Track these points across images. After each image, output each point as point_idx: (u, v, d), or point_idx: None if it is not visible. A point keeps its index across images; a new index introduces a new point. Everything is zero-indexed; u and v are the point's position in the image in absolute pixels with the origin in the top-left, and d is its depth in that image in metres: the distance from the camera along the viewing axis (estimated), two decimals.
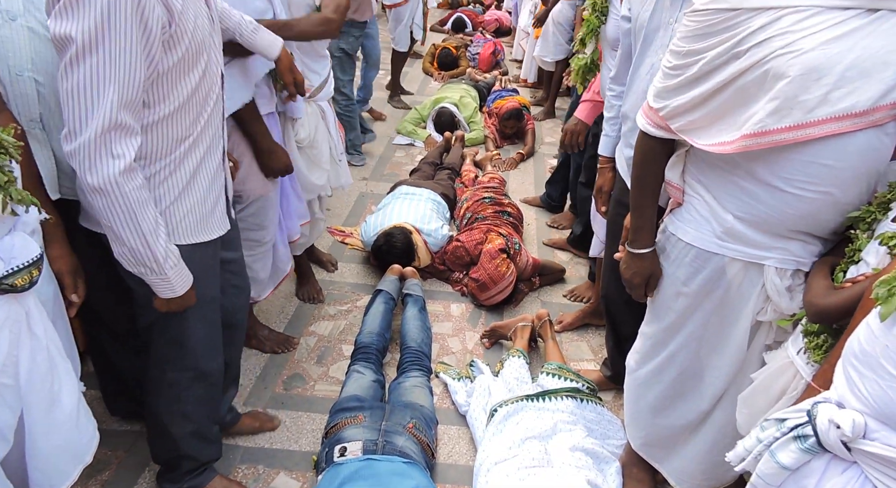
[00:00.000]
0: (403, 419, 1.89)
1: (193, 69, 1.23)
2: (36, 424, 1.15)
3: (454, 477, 1.90)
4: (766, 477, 0.98)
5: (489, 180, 3.52)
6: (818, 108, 1.11)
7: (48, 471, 1.20)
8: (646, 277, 1.50)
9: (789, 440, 0.96)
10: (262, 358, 2.30)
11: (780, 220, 1.27)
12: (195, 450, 1.63)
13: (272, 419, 2.01)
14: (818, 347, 1.19)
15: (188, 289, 1.34)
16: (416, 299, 2.51)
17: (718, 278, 1.39)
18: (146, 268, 1.25)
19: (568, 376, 2.14)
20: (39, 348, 1.13)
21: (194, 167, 1.33)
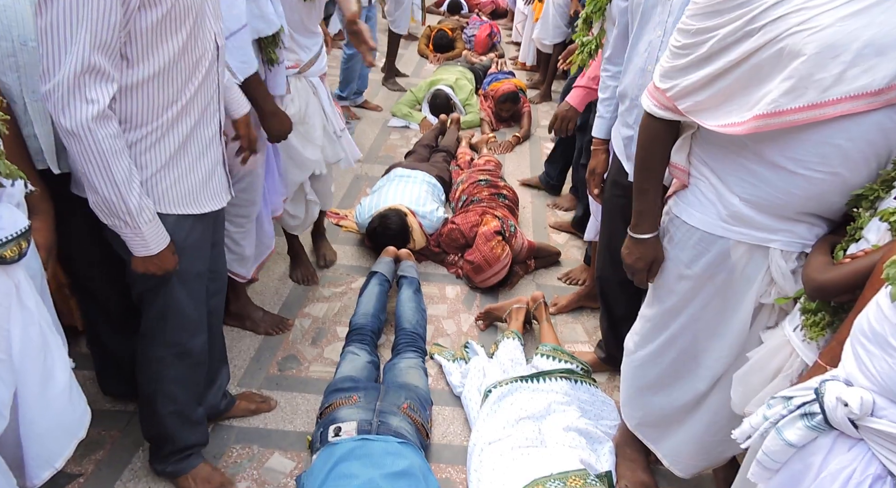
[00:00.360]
0: (398, 399, 1.89)
1: (178, 31, 1.21)
2: (31, 399, 1.15)
3: (448, 457, 1.91)
4: (771, 454, 0.98)
5: (485, 163, 3.50)
6: (834, 87, 1.09)
7: (45, 447, 1.21)
8: (648, 262, 1.49)
9: (796, 418, 0.96)
10: (256, 339, 2.30)
11: (788, 203, 1.24)
12: (177, 431, 1.61)
13: (268, 400, 2.01)
14: (815, 324, 1.19)
15: (163, 248, 1.32)
16: (411, 281, 2.50)
17: (722, 261, 1.38)
18: (119, 220, 1.23)
19: (562, 357, 2.14)
20: (31, 321, 1.12)
21: (184, 136, 1.32)
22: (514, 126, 4.51)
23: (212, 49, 1.34)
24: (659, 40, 1.57)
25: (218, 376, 1.82)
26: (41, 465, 1.20)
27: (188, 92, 1.29)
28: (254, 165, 1.95)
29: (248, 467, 1.79)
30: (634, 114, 1.70)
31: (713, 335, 1.49)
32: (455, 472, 1.86)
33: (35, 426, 1.18)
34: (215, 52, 1.36)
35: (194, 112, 1.33)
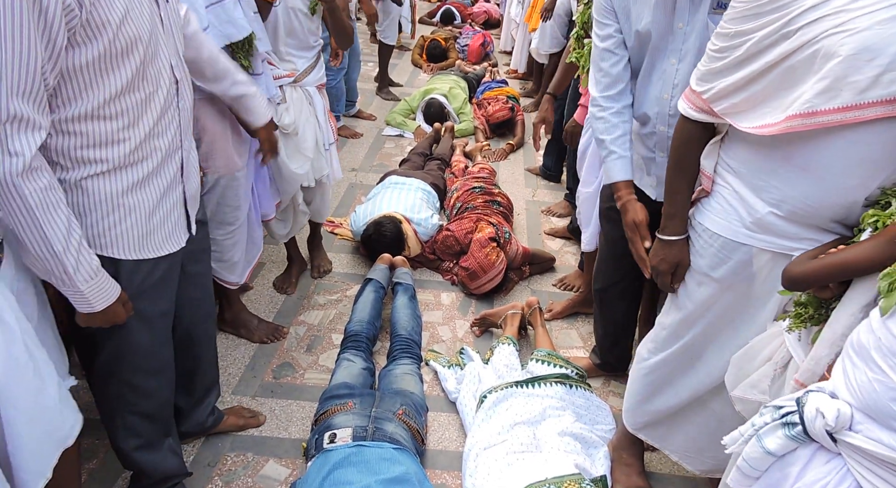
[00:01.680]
0: (393, 406, 1.89)
1: (121, 67, 1.12)
2: (20, 415, 1.12)
3: (444, 462, 1.91)
4: (751, 461, 0.98)
5: (479, 170, 3.52)
6: (869, 90, 1.08)
7: (37, 461, 1.18)
8: (673, 265, 1.48)
9: (777, 426, 0.96)
10: (250, 347, 2.29)
11: (818, 209, 1.22)
12: (149, 464, 1.55)
13: (256, 415, 1.97)
14: (799, 316, 1.21)
15: (110, 304, 1.22)
16: (406, 287, 2.50)
17: (744, 269, 1.36)
18: (56, 278, 1.13)
19: (557, 362, 2.15)
20: (13, 338, 1.08)
21: (137, 178, 1.23)
22: (507, 134, 4.54)
23: (167, 84, 1.25)
24: (674, 68, 1.56)
25: (207, 397, 1.80)
26: (35, 478, 1.18)
27: (139, 132, 1.20)
28: (229, 169, 1.91)
29: (242, 475, 1.78)
30: (654, 139, 1.68)
31: (732, 337, 1.46)
32: (450, 478, 1.86)
33: (28, 441, 1.14)
34: (173, 87, 1.28)
35: (149, 153, 1.24)
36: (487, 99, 4.72)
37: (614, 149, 1.67)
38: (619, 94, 1.67)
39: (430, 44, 6.05)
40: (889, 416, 0.83)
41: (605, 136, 1.69)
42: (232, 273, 2.14)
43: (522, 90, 5.46)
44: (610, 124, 1.67)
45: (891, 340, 0.83)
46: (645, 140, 1.72)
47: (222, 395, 2.06)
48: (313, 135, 2.27)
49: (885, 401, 0.83)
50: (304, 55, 2.15)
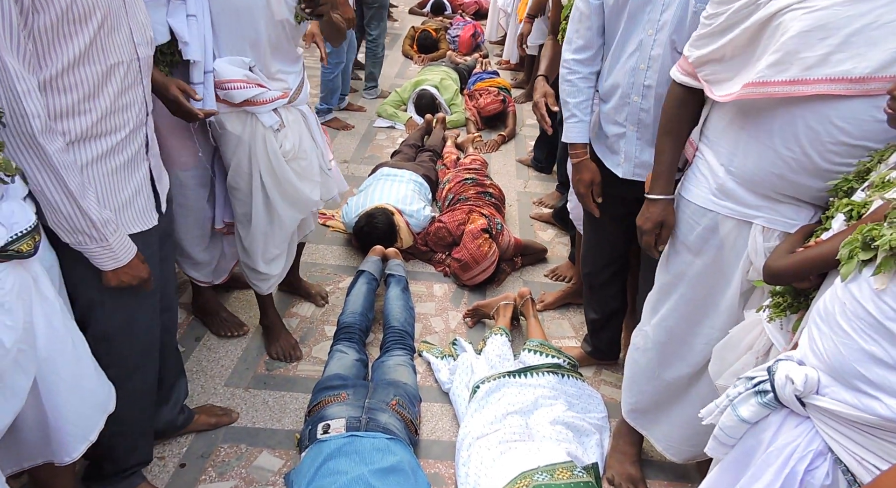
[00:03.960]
0: (387, 396, 1.90)
1: (76, 35, 1.12)
2: (63, 383, 1.19)
3: (437, 452, 1.92)
4: (726, 429, 1.02)
5: (471, 162, 3.51)
6: (816, 67, 1.13)
7: (80, 424, 1.26)
8: (657, 224, 1.53)
9: (750, 395, 1.00)
10: (243, 339, 2.29)
11: (765, 179, 1.30)
12: (121, 453, 1.56)
13: (229, 412, 1.95)
14: (777, 306, 1.24)
15: (133, 257, 1.28)
16: (398, 279, 2.51)
17: (712, 235, 1.44)
18: (84, 235, 1.19)
19: (549, 352, 2.16)
20: (53, 311, 1.15)
21: (101, 151, 1.24)
22: (499, 126, 4.53)
23: (129, 59, 1.25)
24: (651, 39, 1.59)
25: (173, 392, 1.77)
26: (78, 440, 1.27)
27: (100, 104, 1.20)
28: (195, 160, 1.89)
29: (236, 466, 1.79)
30: (625, 112, 1.71)
31: (704, 316, 1.52)
32: (444, 467, 1.87)
33: (70, 406, 1.22)
34: (136, 63, 1.28)
35: (114, 128, 1.24)
36: (479, 90, 4.71)
37: (576, 112, 1.81)
38: (590, 60, 1.77)
39: (420, 34, 6.02)
40: (853, 377, 0.86)
41: (569, 99, 1.82)
42: (196, 271, 2.13)
43: (514, 81, 5.45)
44: (576, 88, 1.80)
45: (853, 304, 0.87)
46: (615, 115, 1.76)
47: (215, 388, 2.06)
48: (315, 157, 2.09)
49: (849, 363, 0.87)
50: (294, 70, 1.95)
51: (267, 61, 1.82)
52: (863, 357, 0.86)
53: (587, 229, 2.13)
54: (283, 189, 1.96)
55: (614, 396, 2.18)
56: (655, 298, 1.66)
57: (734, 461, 1.03)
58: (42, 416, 1.18)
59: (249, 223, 1.99)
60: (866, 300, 0.86)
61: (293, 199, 2.00)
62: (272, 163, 1.89)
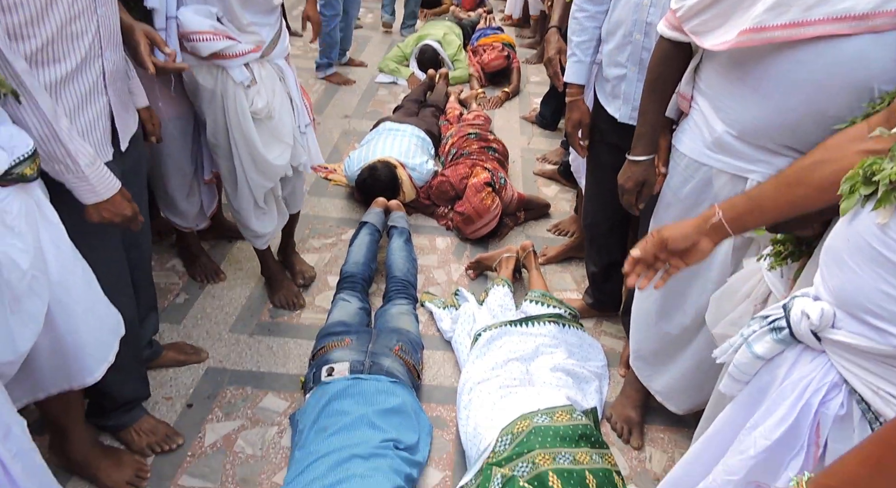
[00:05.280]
0: (390, 342, 1.92)
1: None
2: (77, 305, 1.21)
3: (439, 397, 1.95)
4: (741, 366, 1.03)
5: (474, 118, 3.47)
6: (817, 7, 1.09)
7: (99, 346, 1.29)
8: (638, 183, 1.53)
9: (765, 332, 1.00)
10: (246, 287, 2.31)
11: (766, 131, 1.27)
12: (115, 386, 1.55)
13: (199, 351, 1.95)
14: (778, 254, 1.24)
15: (114, 193, 1.26)
16: (401, 231, 2.51)
17: (706, 188, 1.43)
18: (60, 163, 1.16)
19: (551, 303, 2.18)
20: (60, 235, 1.16)
21: (50, 80, 1.19)
22: (503, 82, 4.45)
23: None
24: None
25: (143, 324, 1.77)
26: (99, 362, 1.30)
27: (44, 30, 1.14)
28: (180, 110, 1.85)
29: (242, 407, 1.82)
30: (627, 51, 1.69)
31: (698, 268, 1.52)
32: (445, 411, 1.90)
33: (88, 329, 1.24)
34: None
35: (61, 55, 1.19)
36: (483, 46, 4.61)
37: (577, 51, 1.84)
38: None
39: None
40: (865, 312, 0.86)
41: (574, 37, 1.84)
42: (179, 218, 2.12)
43: (519, 37, 5.34)
44: (581, 27, 1.81)
45: (857, 239, 0.87)
46: (616, 56, 1.74)
47: (220, 333, 2.08)
48: (290, 117, 1.95)
49: (859, 299, 0.87)
50: (268, 21, 1.80)
51: (237, 12, 1.69)
52: (872, 292, 0.85)
53: (588, 180, 2.13)
54: (250, 150, 1.86)
55: (614, 347, 2.20)
56: None
57: (748, 397, 1.04)
58: (59, 342, 1.20)
59: (235, 180, 1.94)
60: (870, 235, 0.86)
61: (259, 164, 1.89)
62: (240, 122, 1.80)
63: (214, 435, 1.72)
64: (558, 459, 1.56)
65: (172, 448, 1.65)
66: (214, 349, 2.01)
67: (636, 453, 1.82)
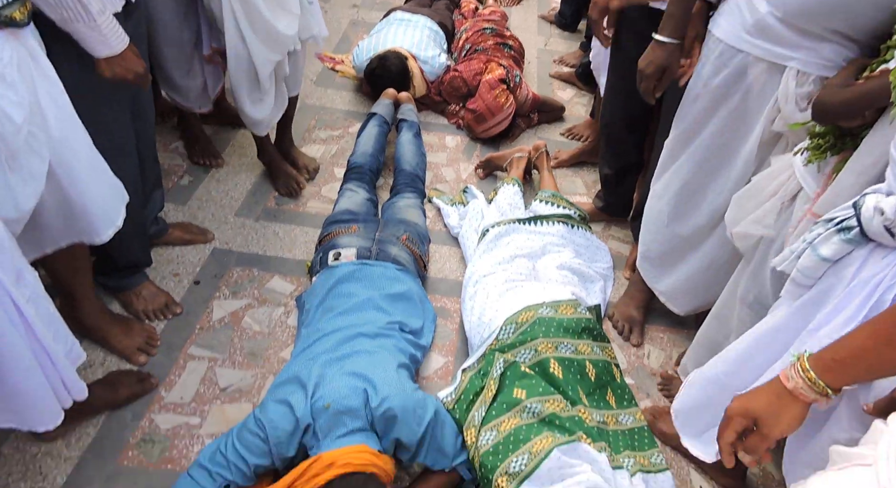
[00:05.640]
0: (397, 231, 1.91)
1: None
2: (81, 163, 1.18)
3: (444, 289, 1.97)
4: (805, 270, 1.01)
5: (490, 13, 3.27)
6: None
7: (105, 207, 1.27)
8: (660, 69, 1.45)
9: (832, 233, 0.98)
10: (252, 173, 2.26)
11: (816, 11, 1.18)
12: (115, 248, 1.51)
13: (205, 232, 1.95)
14: (818, 147, 1.18)
15: (126, 47, 1.23)
16: (410, 124, 2.42)
17: (740, 78, 1.35)
18: (73, 12, 1.10)
19: (561, 203, 2.15)
20: (58, 92, 1.10)
21: None
22: None
23: None
24: None
25: (148, 201, 1.75)
26: (107, 223, 1.28)
27: None
28: None
29: (248, 287, 1.83)
30: None
31: (720, 165, 1.48)
32: (450, 302, 1.92)
33: (94, 187, 1.22)
34: None
35: None
36: None
37: None
38: None
39: None
40: None
41: None
42: (178, 95, 2.03)
43: None
44: None
45: None
46: None
47: (226, 216, 2.06)
48: None
49: None
50: None
51: None
52: None
53: (610, 75, 2.03)
54: (253, 19, 1.73)
55: (621, 251, 2.20)
56: (672, 146, 1.60)
57: (810, 301, 1.03)
58: (65, 200, 1.17)
59: (235, 57, 1.82)
60: None
61: (265, 35, 1.77)
62: None
63: (222, 312, 1.74)
64: (560, 348, 1.59)
65: (169, 316, 1.68)
66: (220, 232, 2.00)
67: (635, 350, 1.86)
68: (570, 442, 1.34)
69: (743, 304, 1.39)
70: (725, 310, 1.49)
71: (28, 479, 1.30)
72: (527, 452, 1.31)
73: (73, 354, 1.10)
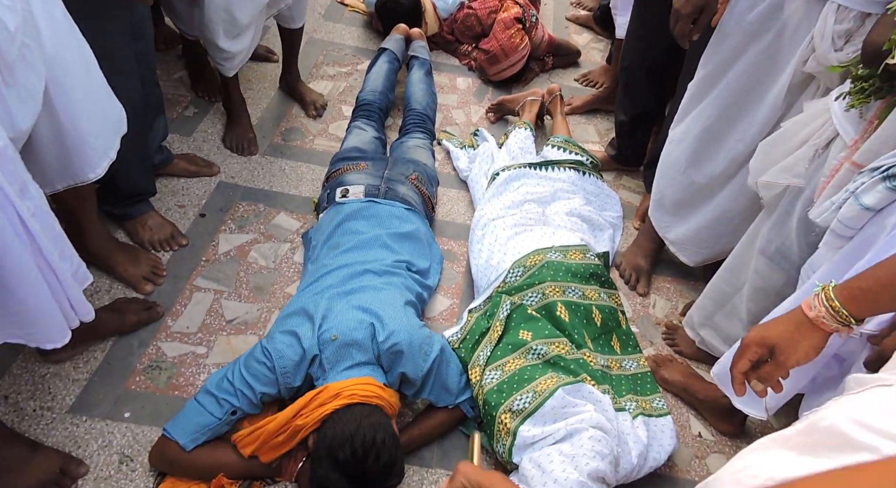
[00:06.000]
0: (406, 170, 1.87)
1: None
2: (76, 85, 1.12)
3: (451, 232, 1.95)
4: (847, 220, 0.99)
5: None
6: None
7: (100, 138, 1.21)
8: (697, 8, 1.37)
9: (876, 182, 0.95)
10: (258, 108, 2.20)
11: None
12: (117, 175, 1.45)
13: (211, 165, 1.90)
14: (861, 91, 1.12)
15: None
16: (422, 62, 2.34)
17: (775, 14, 1.28)
18: None
19: (573, 149, 2.10)
20: (53, 2, 1.03)
21: None
22: None
23: None
24: None
25: (152, 128, 1.69)
26: (101, 156, 1.23)
27: None
28: None
29: (254, 222, 1.81)
30: None
31: (745, 107, 1.43)
32: (457, 246, 1.91)
33: (88, 117, 1.16)
34: None
35: None
36: None
37: None
38: None
39: None
40: None
41: None
42: (179, 21, 1.95)
43: None
44: None
45: None
46: None
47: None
48: None
49: None
50: None
51: None
52: None
53: (634, 16, 1.94)
54: None
55: (632, 200, 2.17)
56: (696, 88, 1.55)
57: (850, 251, 1.01)
58: (60, 131, 1.13)
59: None
60: None
61: None
62: None
63: (228, 245, 1.73)
64: (567, 292, 1.58)
65: (175, 248, 1.66)
66: (226, 165, 1.96)
67: (641, 299, 1.86)
68: (575, 383, 1.35)
69: (762, 256, 1.36)
70: (739, 262, 1.48)
71: (37, 398, 1.32)
72: (531, 391, 1.32)
73: (80, 275, 1.09)
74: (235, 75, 1.91)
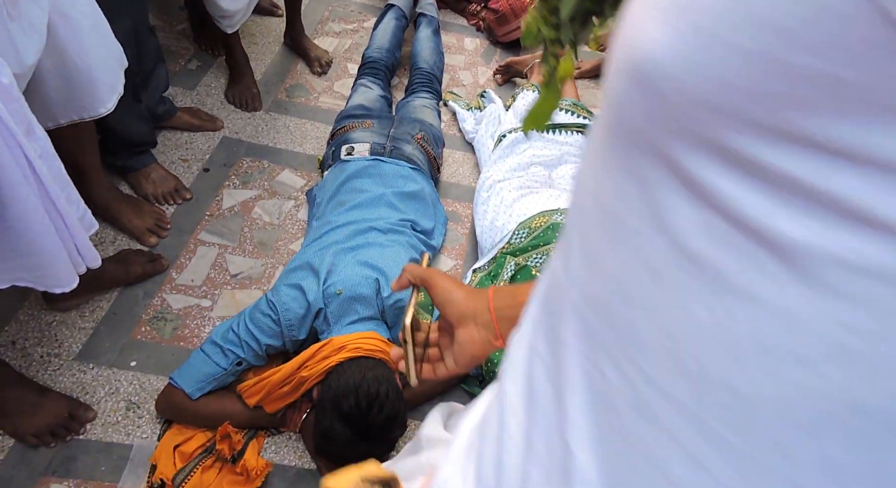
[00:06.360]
0: (412, 130, 1.85)
1: None
2: (84, 19, 1.10)
3: (456, 194, 1.94)
4: None
5: None
6: None
7: (109, 72, 1.20)
8: None
9: None
10: (262, 63, 2.16)
11: None
12: (116, 123, 1.45)
13: (214, 119, 1.87)
14: None
15: None
16: (430, 20, 2.30)
17: None
18: None
19: (581, 113, 2.07)
20: None
21: None
22: None
23: None
24: None
25: (151, 78, 1.65)
26: (109, 90, 1.22)
27: None
28: None
29: (259, 178, 1.80)
30: None
31: None
32: (461, 207, 1.90)
33: (98, 49, 1.16)
34: None
35: None
36: None
37: None
38: None
39: None
40: None
41: None
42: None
43: None
44: None
45: None
46: None
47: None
48: None
49: None
50: None
51: None
52: None
53: None
54: None
55: None
56: None
57: None
58: (67, 64, 1.11)
59: None
60: None
61: None
62: None
63: (232, 200, 1.72)
64: None
65: (179, 201, 1.65)
66: (229, 120, 1.94)
67: None
68: None
69: None
70: None
71: (44, 345, 1.33)
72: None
73: (86, 221, 1.08)
74: (237, 31, 1.88)
